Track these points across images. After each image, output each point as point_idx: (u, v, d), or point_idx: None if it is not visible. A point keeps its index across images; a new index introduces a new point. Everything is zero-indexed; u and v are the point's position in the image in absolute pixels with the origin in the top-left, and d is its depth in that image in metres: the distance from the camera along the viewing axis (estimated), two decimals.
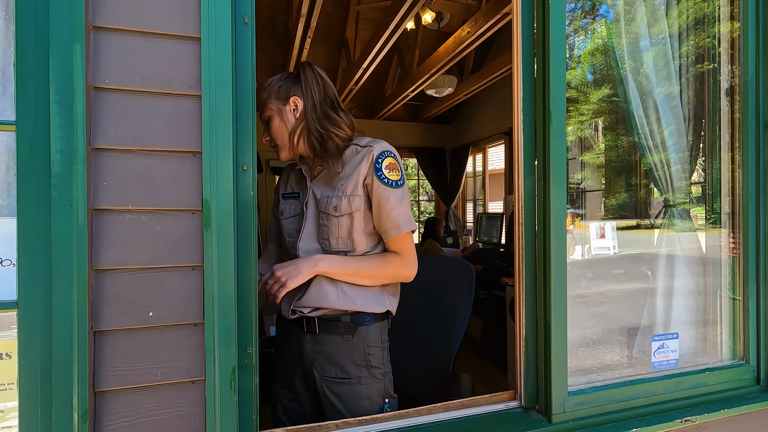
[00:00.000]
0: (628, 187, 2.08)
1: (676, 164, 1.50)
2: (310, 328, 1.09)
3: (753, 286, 1.36)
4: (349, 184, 1.07)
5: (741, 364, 1.34)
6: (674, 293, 1.46)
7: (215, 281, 0.80)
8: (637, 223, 1.66)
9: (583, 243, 1.44)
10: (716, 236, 1.49)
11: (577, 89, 1.61)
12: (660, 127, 1.48)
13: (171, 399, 0.79)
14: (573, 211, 1.69)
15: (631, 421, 1.14)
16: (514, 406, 1.15)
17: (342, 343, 1.08)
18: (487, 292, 3.45)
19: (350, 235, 1.07)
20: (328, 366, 1.09)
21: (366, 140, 1.13)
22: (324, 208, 1.09)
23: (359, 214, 1.07)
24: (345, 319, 1.08)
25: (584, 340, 1.32)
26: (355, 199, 1.06)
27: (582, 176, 2.67)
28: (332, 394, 1.08)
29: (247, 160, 0.85)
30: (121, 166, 0.77)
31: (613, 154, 2.32)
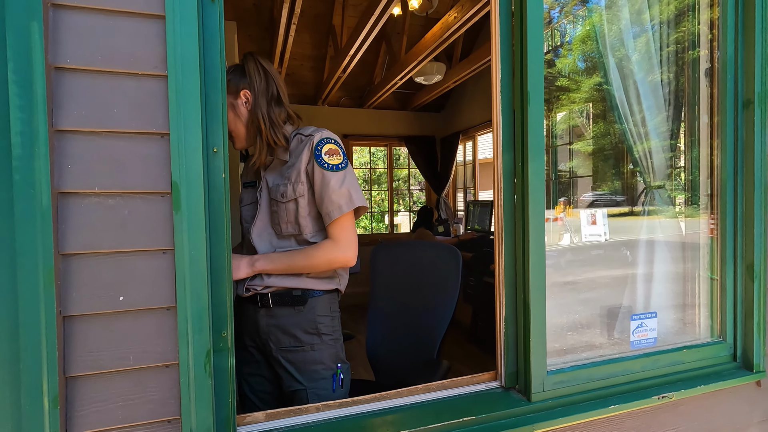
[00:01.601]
0: (615, 174, 2.09)
1: (657, 149, 1.51)
2: (264, 303, 1.15)
3: (731, 265, 1.37)
4: (293, 171, 1.13)
5: (718, 341, 1.36)
6: (655, 276, 1.48)
7: (187, 265, 0.79)
8: (630, 209, 1.67)
9: (573, 230, 1.45)
10: (697, 220, 1.50)
11: (569, 77, 1.61)
12: (641, 113, 1.49)
13: (144, 383, 0.79)
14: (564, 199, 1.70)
15: (609, 398, 1.16)
16: (494, 387, 1.16)
17: (294, 314, 1.14)
18: (477, 279, 3.47)
19: (297, 219, 1.13)
20: (282, 337, 1.15)
21: (310, 129, 1.17)
22: (274, 195, 1.15)
23: (303, 200, 1.13)
24: (296, 293, 1.15)
25: (566, 324, 1.33)
26: (298, 186, 1.12)
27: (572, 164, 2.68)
28: (287, 362, 1.14)
29: (218, 142, 0.84)
30: (85, 148, 0.75)
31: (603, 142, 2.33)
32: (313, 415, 1.01)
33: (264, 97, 1.14)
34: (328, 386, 1.15)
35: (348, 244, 1.12)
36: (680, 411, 1.24)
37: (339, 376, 1.16)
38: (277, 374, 1.18)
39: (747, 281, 1.34)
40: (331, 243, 1.12)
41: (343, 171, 1.12)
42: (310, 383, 1.13)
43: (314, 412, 1.02)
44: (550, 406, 1.11)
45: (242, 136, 1.17)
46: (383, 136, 5.25)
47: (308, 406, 1.02)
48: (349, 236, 1.13)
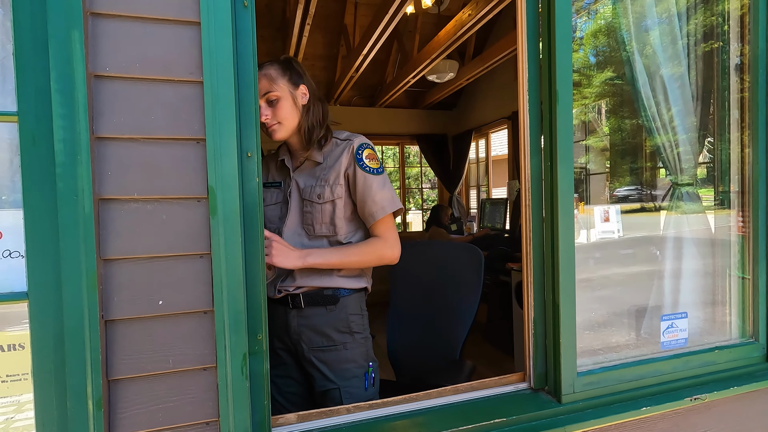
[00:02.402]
0: (633, 169, 2.07)
1: (684, 145, 1.48)
2: (296, 303, 1.16)
3: (763, 264, 1.35)
4: (331, 174, 1.15)
5: (750, 342, 1.33)
6: (682, 274, 1.46)
7: (223, 268, 0.80)
8: (641, 206, 1.64)
9: (588, 227, 1.43)
10: (724, 217, 1.48)
11: (580, 72, 1.59)
12: (667, 107, 1.46)
13: (183, 386, 0.80)
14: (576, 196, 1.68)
15: (640, 400, 1.14)
16: (523, 388, 1.15)
17: (326, 313, 1.15)
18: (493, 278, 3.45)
19: (332, 220, 1.15)
20: (314, 337, 1.16)
21: (345, 134, 1.21)
22: (308, 196, 1.16)
23: (341, 201, 1.15)
24: (327, 292, 1.16)
25: (592, 324, 1.31)
26: (337, 188, 1.14)
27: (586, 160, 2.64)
28: (320, 362, 1.15)
29: (251, 146, 0.84)
30: (124, 154, 0.76)
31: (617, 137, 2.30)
32: (344, 416, 1.01)
33: (316, 96, 1.19)
34: (360, 384, 1.16)
35: (394, 242, 1.16)
36: (712, 412, 1.22)
37: (370, 374, 1.18)
38: (306, 376, 1.19)
39: None
40: (380, 240, 1.15)
41: (382, 175, 1.16)
42: (343, 382, 1.14)
43: (345, 414, 1.02)
44: (581, 407, 1.10)
45: (291, 128, 1.15)
46: (395, 134, 5.24)
47: (339, 407, 1.02)
48: (395, 235, 1.17)
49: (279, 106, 1.13)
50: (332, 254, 1.13)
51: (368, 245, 1.15)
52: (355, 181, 1.14)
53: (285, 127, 1.15)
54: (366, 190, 1.13)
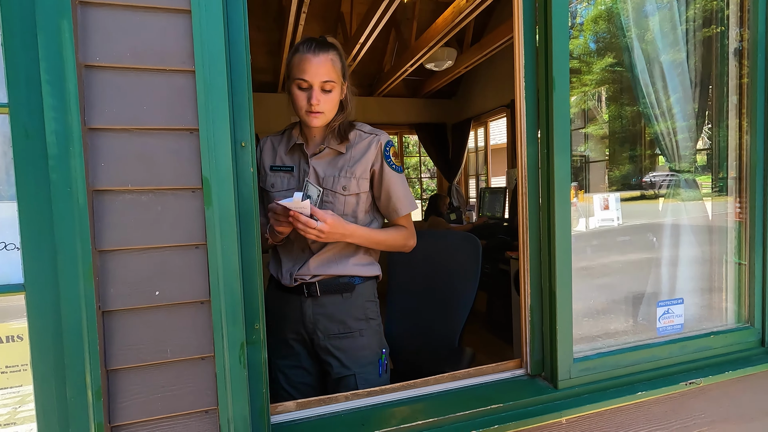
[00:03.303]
0: (632, 157, 2.06)
1: (682, 132, 1.47)
2: (311, 292, 1.16)
3: (759, 249, 1.35)
4: (358, 167, 1.15)
5: (746, 327, 1.34)
6: (680, 261, 1.46)
7: (219, 259, 0.80)
8: (641, 193, 1.64)
9: (587, 215, 1.43)
10: (722, 204, 1.47)
11: (579, 59, 1.58)
12: (666, 95, 1.45)
13: (182, 375, 0.81)
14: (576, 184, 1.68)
15: (636, 384, 1.16)
16: (520, 374, 1.16)
17: (342, 301, 1.17)
18: (492, 267, 3.46)
19: (354, 212, 1.16)
20: (330, 325, 1.16)
21: (368, 127, 1.21)
22: (330, 186, 1.14)
23: (365, 195, 1.17)
24: (343, 280, 1.17)
25: (589, 311, 1.32)
26: (363, 182, 1.16)
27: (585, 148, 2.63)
28: (336, 349, 1.16)
29: (245, 136, 0.84)
30: (117, 145, 0.76)
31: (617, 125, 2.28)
32: (342, 404, 1.03)
33: (352, 92, 1.20)
34: (374, 371, 1.18)
35: (414, 233, 1.25)
36: (708, 397, 1.24)
37: (383, 360, 1.21)
38: (318, 366, 1.20)
39: None
40: (406, 230, 1.23)
41: (403, 174, 1.22)
42: (359, 368, 1.16)
43: (343, 401, 1.03)
44: (577, 393, 1.11)
45: (330, 119, 1.14)
46: (393, 124, 5.21)
47: (338, 395, 1.03)
48: (413, 227, 1.27)
49: (330, 96, 1.10)
50: (371, 234, 1.16)
51: (398, 231, 1.21)
52: (381, 178, 1.17)
53: (326, 116, 1.12)
54: (393, 187, 1.18)
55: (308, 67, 1.06)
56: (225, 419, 0.82)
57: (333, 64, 1.09)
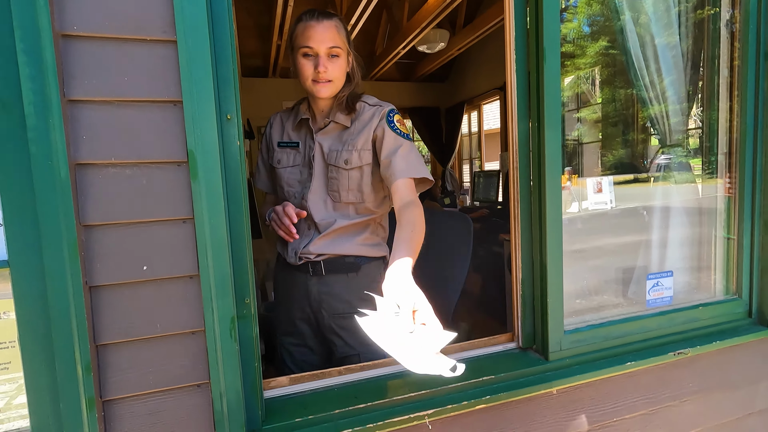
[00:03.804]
0: (626, 140, 2.06)
1: (675, 115, 1.48)
2: (316, 271, 1.15)
3: (748, 223, 1.36)
4: (359, 139, 1.11)
5: (734, 298, 1.36)
6: (671, 239, 1.47)
7: (207, 233, 0.80)
8: (635, 177, 1.65)
9: (580, 199, 1.44)
10: (712, 186, 1.48)
11: (573, 42, 1.56)
12: (660, 77, 1.44)
13: (172, 350, 0.81)
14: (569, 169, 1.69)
15: (626, 356, 1.17)
16: (511, 347, 1.17)
17: (347, 281, 1.16)
18: (486, 249, 3.48)
19: (360, 187, 1.13)
20: (335, 304, 1.16)
21: (374, 99, 1.18)
22: (334, 161, 1.12)
23: (368, 168, 1.12)
24: (349, 259, 1.15)
25: (582, 290, 1.33)
26: (365, 153, 1.11)
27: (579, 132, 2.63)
28: (340, 328, 1.16)
29: (231, 108, 0.82)
30: (99, 118, 0.74)
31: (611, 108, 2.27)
32: (335, 378, 1.03)
33: (359, 64, 1.17)
34: (378, 350, 1.17)
35: (419, 203, 1.01)
36: (695, 367, 1.26)
37: None
38: (324, 345, 1.20)
39: (764, 237, 1.33)
40: (417, 208, 0.98)
41: (412, 142, 1.13)
42: (363, 348, 1.15)
43: (336, 376, 1.04)
44: (568, 364, 1.13)
45: (337, 89, 1.12)
46: None
47: (330, 369, 1.04)
48: (417, 196, 1.05)
49: (338, 63, 1.08)
50: (411, 249, 0.85)
51: (418, 223, 0.94)
52: (383, 141, 1.09)
53: (334, 85, 1.10)
54: (395, 149, 1.08)
55: (313, 34, 1.05)
56: (217, 393, 0.82)
57: (338, 30, 1.08)
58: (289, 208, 1.11)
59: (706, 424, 1.29)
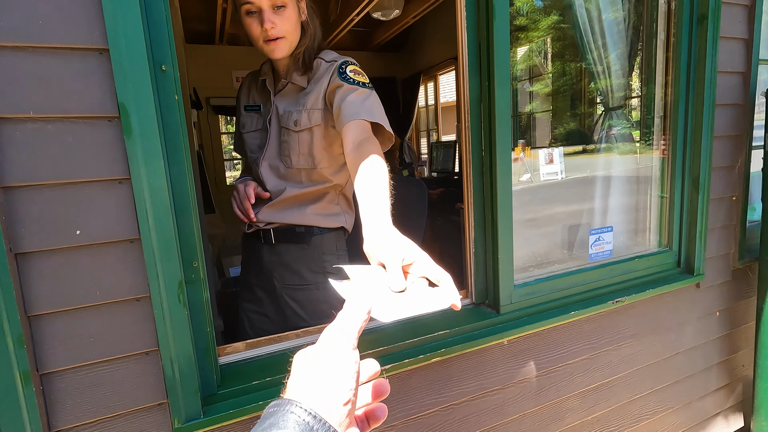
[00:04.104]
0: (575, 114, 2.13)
1: (620, 88, 1.55)
2: (267, 239, 1.12)
3: (679, 180, 1.46)
4: (310, 98, 1.03)
5: (665, 250, 1.48)
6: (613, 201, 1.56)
7: (147, 194, 0.75)
8: (583, 148, 1.72)
9: (533, 170, 1.48)
10: (650, 156, 1.57)
11: (527, 16, 1.58)
12: (606, 52, 1.50)
13: (116, 318, 0.77)
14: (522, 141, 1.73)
15: (570, 306, 1.25)
16: (465, 303, 1.22)
17: (298, 251, 1.11)
18: (444, 219, 3.55)
19: (311, 151, 1.05)
20: (286, 274, 1.13)
21: (332, 55, 1.08)
22: (285, 123, 1.06)
23: (319, 130, 1.04)
24: (300, 230, 1.11)
25: (533, 253, 1.39)
26: (314, 113, 1.03)
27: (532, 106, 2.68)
28: (292, 300, 1.13)
29: (165, 59, 0.76)
30: (11, 64, 0.66)
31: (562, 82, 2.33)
32: (292, 341, 1.03)
33: (314, 13, 1.06)
34: None
35: (375, 140, 0.86)
36: (631, 313, 1.37)
37: None
38: (280, 314, 1.17)
39: (692, 193, 1.44)
40: (371, 144, 0.81)
41: (370, 90, 0.99)
42: (316, 321, 1.11)
43: (293, 339, 1.04)
44: (518, 316, 1.19)
45: (292, 46, 1.02)
46: None
47: (288, 333, 1.03)
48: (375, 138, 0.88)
49: (286, 16, 0.97)
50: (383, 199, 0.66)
51: (377, 162, 0.74)
52: (335, 94, 0.97)
53: (288, 42, 1.00)
54: (346, 94, 0.94)
55: None
56: (167, 360, 0.80)
57: None
58: (250, 188, 1.07)
59: (640, 365, 1.41)
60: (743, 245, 1.60)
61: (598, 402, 1.34)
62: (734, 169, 1.54)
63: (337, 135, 1.04)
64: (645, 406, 1.44)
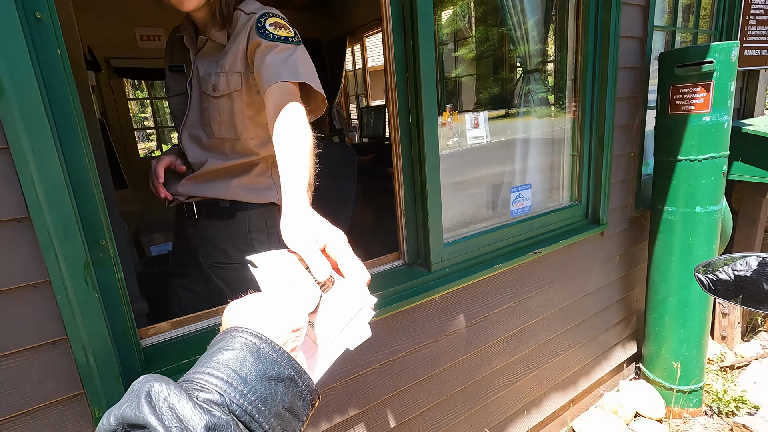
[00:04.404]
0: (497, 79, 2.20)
1: (537, 54, 1.61)
2: (190, 213, 1.05)
3: (587, 139, 1.59)
4: (228, 58, 0.91)
5: (576, 204, 1.62)
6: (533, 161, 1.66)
7: (32, 167, 0.65)
8: (506, 112, 1.79)
9: (460, 134, 1.52)
10: (563, 119, 1.68)
11: None
12: (525, 19, 1.54)
13: (9, 307, 0.68)
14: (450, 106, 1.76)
15: (495, 259, 1.34)
16: (398, 264, 1.25)
17: (223, 227, 1.04)
18: (377, 185, 3.57)
19: (232, 120, 0.95)
20: (212, 251, 1.06)
21: (254, 5, 0.92)
22: (204, 87, 0.95)
23: (240, 96, 0.93)
24: (224, 204, 1.03)
25: (461, 214, 1.45)
26: (233, 77, 0.92)
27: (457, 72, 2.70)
28: (219, 279, 1.06)
29: (40, 4, 0.65)
30: None
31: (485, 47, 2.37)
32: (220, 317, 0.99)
33: None
34: None
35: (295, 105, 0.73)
36: (548, 262, 1.50)
37: None
38: (210, 292, 1.10)
39: (598, 151, 1.58)
40: (293, 109, 0.72)
41: (295, 46, 0.85)
42: None
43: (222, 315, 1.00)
44: (447, 273, 1.24)
45: None
46: None
47: (217, 308, 0.99)
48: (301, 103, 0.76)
49: None
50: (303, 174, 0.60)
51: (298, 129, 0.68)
52: (254, 54, 0.85)
53: None
54: (263, 56, 0.82)
55: None
56: (79, 348, 0.73)
57: None
58: (161, 165, 0.97)
59: (555, 308, 1.57)
60: (639, 197, 1.80)
61: (520, 344, 1.48)
62: (632, 128, 1.71)
63: (263, 102, 0.91)
64: (559, 344, 1.62)
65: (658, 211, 1.68)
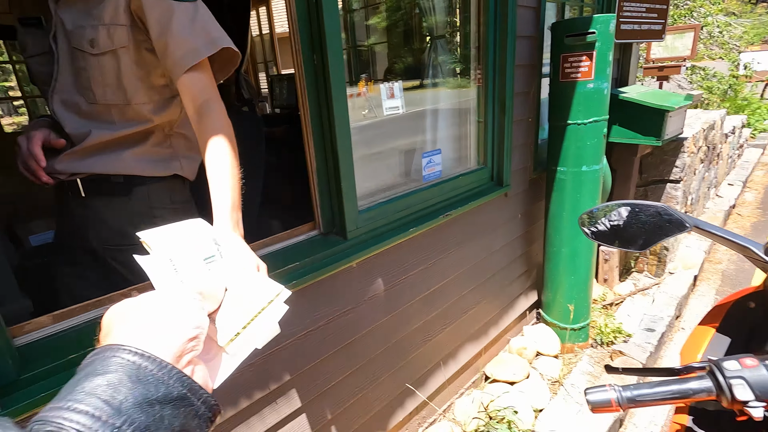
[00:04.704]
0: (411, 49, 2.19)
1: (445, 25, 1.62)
2: (74, 192, 0.90)
3: (491, 105, 1.68)
4: (107, 7, 0.78)
5: (482, 167, 1.72)
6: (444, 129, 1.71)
7: None
8: (420, 82, 1.80)
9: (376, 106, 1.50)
10: (473, 90, 1.74)
11: None
12: None
13: None
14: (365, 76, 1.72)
15: (409, 224, 1.37)
16: (314, 234, 1.23)
17: (118, 205, 0.92)
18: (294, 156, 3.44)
19: (119, 82, 0.82)
20: (106, 233, 0.94)
21: None
22: (77, 43, 0.80)
23: (127, 53, 0.81)
24: (117, 179, 0.90)
25: (376, 183, 1.45)
26: (117, 31, 0.79)
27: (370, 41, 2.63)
28: (118, 264, 0.95)
29: None
30: None
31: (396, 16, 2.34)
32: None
33: None
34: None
35: (212, 95, 0.75)
36: (458, 223, 1.58)
37: None
38: (107, 279, 0.97)
39: (500, 116, 1.67)
40: (214, 111, 0.73)
41: (193, 2, 0.78)
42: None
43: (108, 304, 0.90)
44: (363, 240, 1.25)
45: None
46: None
47: (111, 294, 0.89)
48: (216, 89, 0.77)
49: None
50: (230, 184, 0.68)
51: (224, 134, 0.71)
52: (146, 15, 0.76)
53: None
54: (166, 26, 0.74)
55: None
56: None
57: None
58: (36, 145, 0.81)
59: (465, 266, 1.67)
60: (536, 159, 1.96)
61: (435, 303, 1.56)
62: (530, 94, 1.84)
63: (156, 61, 0.82)
64: (471, 299, 1.74)
65: (552, 171, 1.85)
